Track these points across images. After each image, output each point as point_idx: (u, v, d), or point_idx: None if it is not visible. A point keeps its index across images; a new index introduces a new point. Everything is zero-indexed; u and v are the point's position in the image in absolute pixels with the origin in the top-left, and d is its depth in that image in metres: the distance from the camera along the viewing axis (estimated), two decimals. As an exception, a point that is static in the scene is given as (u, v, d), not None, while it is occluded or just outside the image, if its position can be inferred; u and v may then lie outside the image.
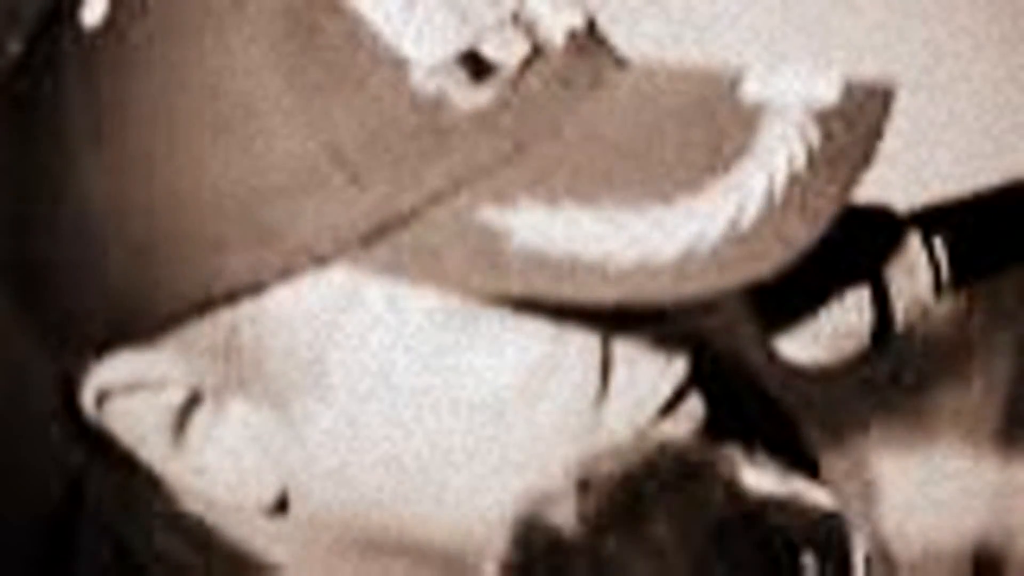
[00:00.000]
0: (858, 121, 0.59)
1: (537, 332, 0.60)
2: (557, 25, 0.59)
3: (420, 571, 0.66)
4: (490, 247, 0.56)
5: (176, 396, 0.60)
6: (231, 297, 0.57)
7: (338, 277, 0.57)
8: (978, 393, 1.31)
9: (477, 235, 0.56)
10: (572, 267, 0.55)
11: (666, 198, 0.56)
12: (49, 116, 0.59)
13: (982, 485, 1.33)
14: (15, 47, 0.61)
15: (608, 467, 0.57)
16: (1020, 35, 1.28)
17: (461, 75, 0.57)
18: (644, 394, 0.63)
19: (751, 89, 0.60)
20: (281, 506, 0.62)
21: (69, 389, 0.62)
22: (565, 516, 0.56)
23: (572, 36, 0.60)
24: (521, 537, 0.57)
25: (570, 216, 0.56)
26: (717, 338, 0.78)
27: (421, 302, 0.58)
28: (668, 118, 0.59)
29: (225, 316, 0.58)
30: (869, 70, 0.63)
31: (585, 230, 0.56)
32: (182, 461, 0.61)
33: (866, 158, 0.58)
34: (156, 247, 0.57)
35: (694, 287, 0.55)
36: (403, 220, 0.56)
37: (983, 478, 1.33)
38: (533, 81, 0.58)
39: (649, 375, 0.63)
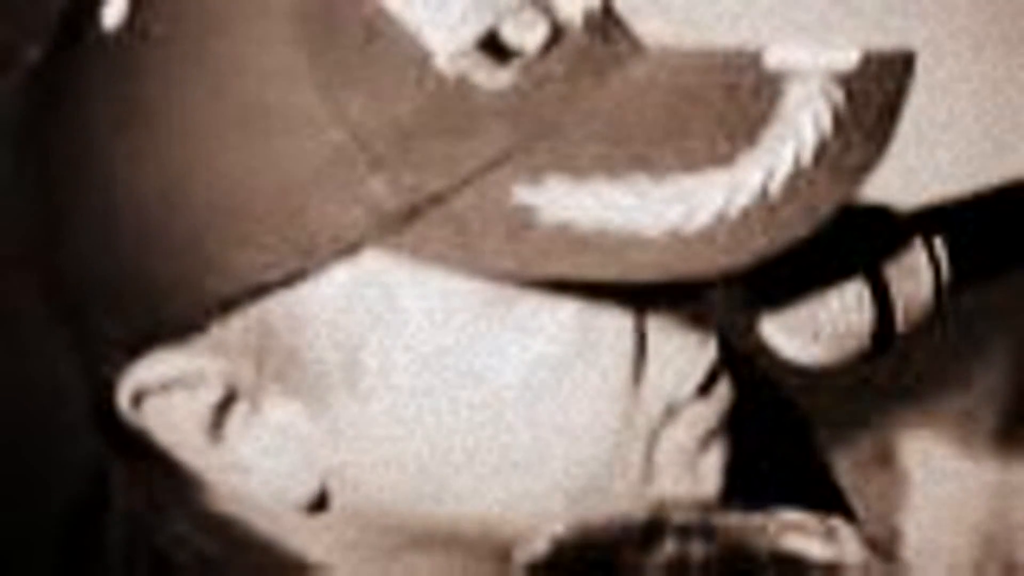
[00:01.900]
0: (882, 83, 0.58)
1: (570, 322, 0.59)
2: (575, 6, 0.59)
3: (441, 566, 0.65)
4: (520, 226, 0.56)
5: (212, 394, 0.60)
6: (261, 293, 0.57)
7: (369, 272, 0.57)
8: (978, 393, 1.31)
9: (506, 215, 0.56)
10: (601, 243, 0.55)
11: (693, 169, 0.56)
12: (73, 118, 0.59)
13: (982, 485, 1.33)
14: (35, 52, 0.62)
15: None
16: (1020, 35, 1.28)
17: (483, 59, 0.57)
18: (675, 386, 0.62)
19: (772, 58, 0.60)
20: (320, 503, 0.62)
21: (97, 388, 0.62)
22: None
23: (590, 17, 0.60)
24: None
25: (598, 191, 0.56)
26: (731, 338, 0.77)
27: (452, 302, 0.58)
28: (691, 91, 0.59)
29: (257, 312, 0.58)
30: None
31: (614, 204, 0.56)
32: (220, 459, 0.61)
33: (893, 119, 0.57)
34: (185, 245, 0.57)
35: (727, 259, 0.55)
36: (431, 204, 0.56)
37: (983, 478, 1.33)
38: (554, 62, 0.58)
39: (682, 365, 0.62)
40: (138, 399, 0.60)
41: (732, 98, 0.59)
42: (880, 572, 0.51)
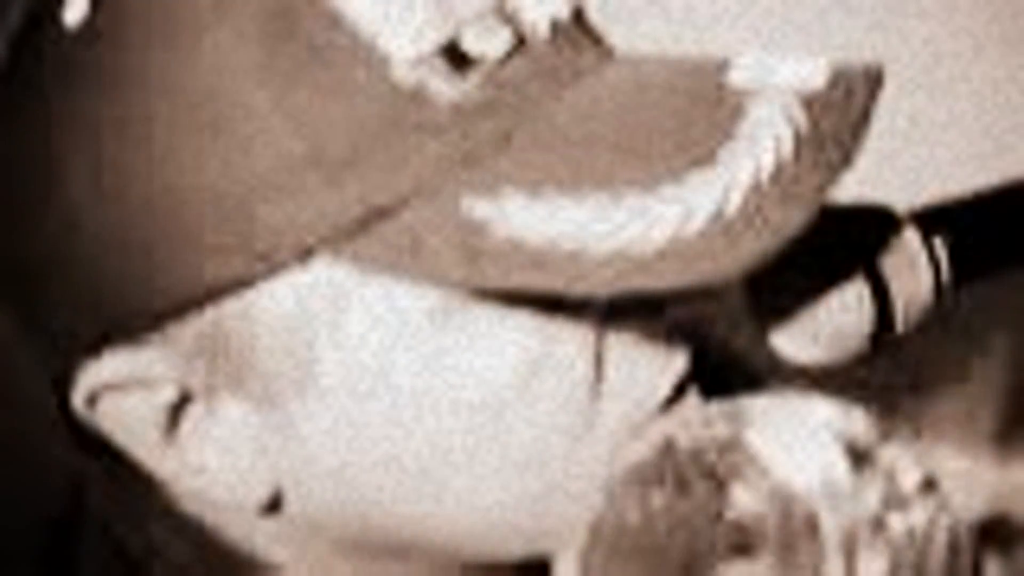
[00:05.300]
0: (846, 106, 0.58)
1: (534, 330, 0.60)
2: (541, 15, 0.59)
3: (420, 571, 0.66)
4: (471, 238, 0.56)
5: (167, 394, 0.60)
6: (214, 296, 0.57)
7: (322, 278, 0.57)
8: (978, 393, 1.31)
9: (459, 226, 0.56)
10: (551, 259, 0.55)
11: (650, 187, 0.56)
12: (33, 117, 0.59)
13: (982, 485, 1.33)
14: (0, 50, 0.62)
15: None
16: (1020, 35, 1.28)
17: (442, 67, 0.57)
18: (643, 393, 0.63)
19: (738, 76, 0.60)
20: (275, 505, 0.62)
21: (64, 390, 0.62)
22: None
23: (557, 26, 0.59)
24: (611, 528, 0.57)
25: (552, 207, 0.56)
26: (718, 339, 0.77)
27: (420, 302, 0.58)
28: (653, 106, 0.59)
29: (211, 314, 0.58)
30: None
31: (567, 221, 0.55)
32: (175, 459, 0.61)
33: (854, 144, 0.57)
34: (141, 246, 0.57)
35: (678, 278, 0.55)
36: (384, 213, 0.56)
37: (982, 478, 1.33)
38: (516, 72, 0.58)
39: (648, 374, 0.63)
40: (93, 398, 0.60)
41: (694, 115, 0.58)
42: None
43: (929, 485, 0.56)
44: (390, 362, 0.59)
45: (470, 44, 0.57)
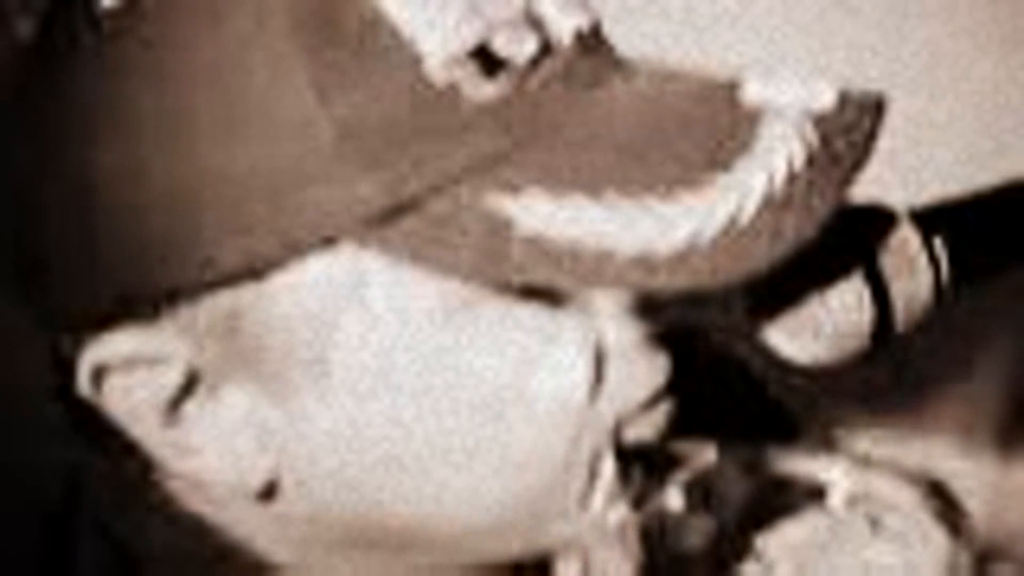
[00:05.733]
0: (854, 126, 0.60)
1: (535, 330, 0.60)
2: (565, 26, 0.61)
3: (421, 571, 0.66)
4: (494, 235, 0.57)
5: (173, 375, 0.60)
6: (231, 279, 0.58)
7: (343, 266, 0.58)
8: (978, 393, 1.31)
9: (482, 223, 0.57)
10: (574, 257, 0.56)
11: (668, 193, 0.58)
12: (64, 95, 0.59)
13: (982, 485, 1.33)
14: (27, 26, 0.62)
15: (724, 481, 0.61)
16: (1020, 35, 1.28)
17: (473, 68, 0.58)
18: (632, 391, 0.64)
19: (751, 91, 0.62)
20: (267, 494, 0.62)
21: (67, 375, 0.62)
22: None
23: (579, 37, 0.61)
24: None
25: (574, 207, 0.57)
26: (718, 339, 0.78)
27: (422, 302, 0.59)
28: (671, 117, 0.61)
29: (229, 297, 0.59)
30: (869, 70, 0.63)
31: (589, 221, 0.57)
32: (174, 441, 0.61)
33: (862, 160, 0.59)
34: (165, 229, 0.57)
35: (693, 279, 0.57)
36: (409, 206, 0.57)
37: (983, 478, 1.33)
38: (542, 77, 0.59)
39: (646, 374, 0.64)
40: (99, 375, 0.61)
41: (710, 126, 0.61)
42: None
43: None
44: (391, 362, 0.59)
45: (500, 47, 0.59)
